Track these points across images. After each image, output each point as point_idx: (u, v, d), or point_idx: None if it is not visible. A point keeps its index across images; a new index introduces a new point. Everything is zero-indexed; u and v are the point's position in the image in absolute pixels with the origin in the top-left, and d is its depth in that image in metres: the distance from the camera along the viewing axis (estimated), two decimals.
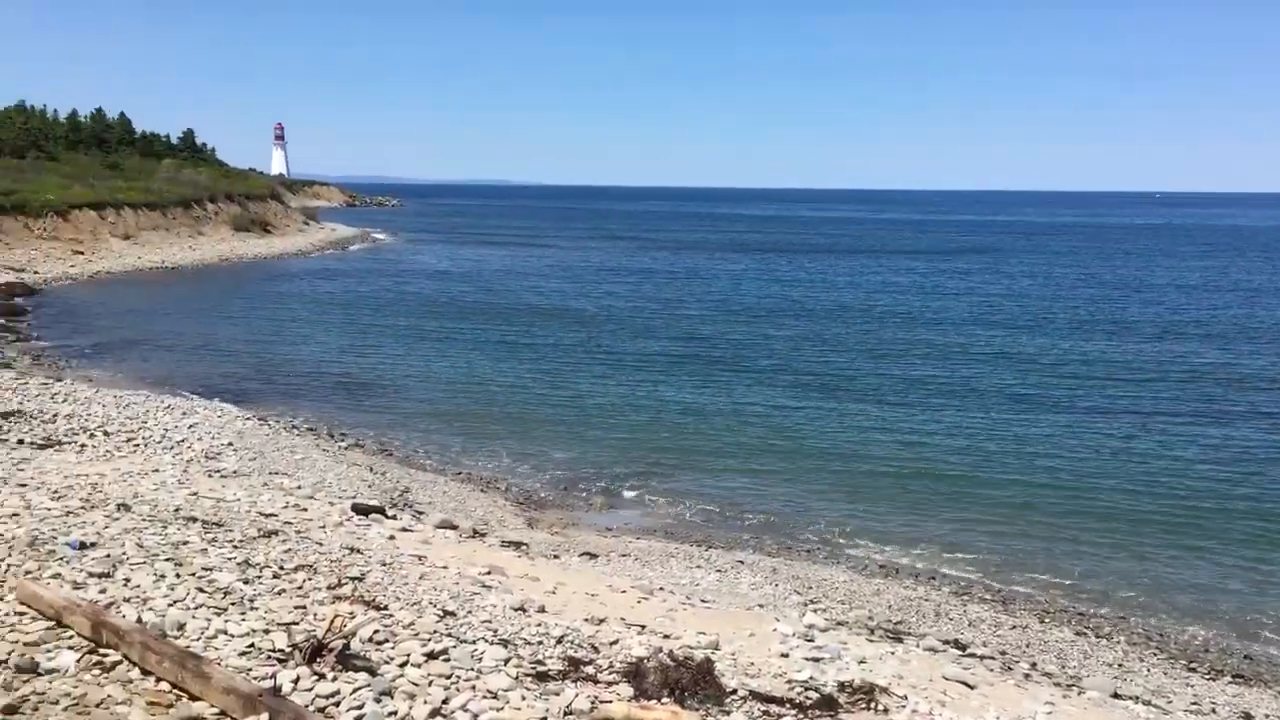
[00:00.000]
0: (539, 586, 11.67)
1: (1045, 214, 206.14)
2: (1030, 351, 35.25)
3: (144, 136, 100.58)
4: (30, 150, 79.81)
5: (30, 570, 8.21)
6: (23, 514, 10.09)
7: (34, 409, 20.42)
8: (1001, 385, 29.52)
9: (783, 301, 49.86)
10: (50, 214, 59.34)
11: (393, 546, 12.43)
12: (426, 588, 10.03)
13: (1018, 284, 59.47)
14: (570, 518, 18.57)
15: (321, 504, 14.83)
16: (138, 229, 65.50)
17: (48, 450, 16.79)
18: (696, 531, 18.04)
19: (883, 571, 16.40)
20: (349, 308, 44.93)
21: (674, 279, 61.17)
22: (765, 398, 27.59)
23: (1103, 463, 21.89)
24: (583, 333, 38.65)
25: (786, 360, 33.29)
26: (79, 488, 12.48)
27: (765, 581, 14.94)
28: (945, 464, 21.71)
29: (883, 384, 29.60)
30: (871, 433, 24.12)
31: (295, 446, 20.49)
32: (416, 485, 19.07)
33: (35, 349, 30.80)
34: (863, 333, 39.62)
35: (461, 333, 38.33)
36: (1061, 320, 43.48)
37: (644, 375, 30.45)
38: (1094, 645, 13.69)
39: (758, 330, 39.92)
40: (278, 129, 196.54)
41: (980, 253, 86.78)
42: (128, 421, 20.38)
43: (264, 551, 10.25)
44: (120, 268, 55.59)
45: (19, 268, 49.88)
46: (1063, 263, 76.37)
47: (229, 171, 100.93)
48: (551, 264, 71.06)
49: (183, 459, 17.79)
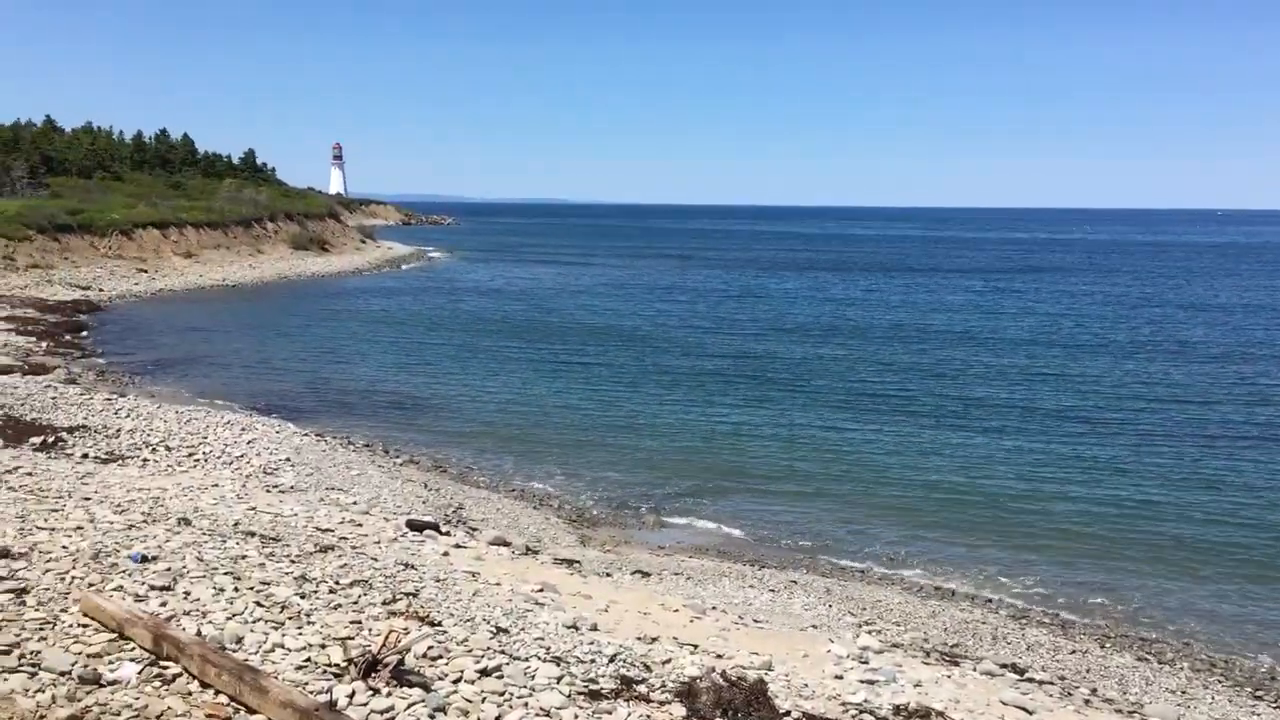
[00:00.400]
0: (591, 604, 11.68)
1: (1104, 232, 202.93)
2: (1091, 373, 34.65)
3: (206, 157, 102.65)
4: (97, 171, 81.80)
5: (93, 583, 8.36)
6: (87, 527, 10.29)
7: (98, 424, 20.84)
8: (1061, 407, 29.05)
9: (836, 320, 49.56)
10: (115, 233, 60.72)
11: (446, 563, 12.51)
12: (480, 604, 10.07)
13: (1077, 303, 58.59)
14: (622, 535, 18.55)
15: (377, 520, 14.97)
16: (199, 247, 66.77)
17: (111, 464, 17.12)
18: (749, 551, 17.94)
19: (938, 593, 16.18)
20: (404, 325, 45.38)
21: (726, 297, 61.08)
22: (819, 417, 27.40)
23: (1166, 487, 21.44)
24: (635, 351, 38.69)
25: (841, 380, 33.05)
26: (141, 502, 12.70)
27: (819, 602, 14.82)
28: (1003, 486, 21.40)
29: (939, 404, 29.27)
30: (927, 454, 23.86)
31: (351, 462, 20.70)
32: (470, 502, 19.18)
33: (100, 365, 31.44)
34: (918, 352, 39.25)
35: (515, 351, 38.54)
36: (1122, 341, 42.72)
37: (697, 394, 30.39)
38: (1156, 671, 13.39)
39: (811, 349, 39.70)
40: (336, 149, 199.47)
41: (1038, 271, 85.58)
42: (188, 437, 20.73)
43: (320, 566, 10.36)
44: (182, 285, 56.68)
45: (85, 285, 51.04)
46: (1123, 281, 75.11)
47: (288, 191, 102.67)
48: (604, 282, 71.28)
49: (241, 474, 18.04)
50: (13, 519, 10.19)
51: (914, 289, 67.91)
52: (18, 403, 21.78)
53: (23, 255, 52.46)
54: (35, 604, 7.69)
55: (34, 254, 53.41)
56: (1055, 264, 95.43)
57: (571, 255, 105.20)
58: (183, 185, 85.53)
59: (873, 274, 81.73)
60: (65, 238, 56.86)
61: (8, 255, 51.52)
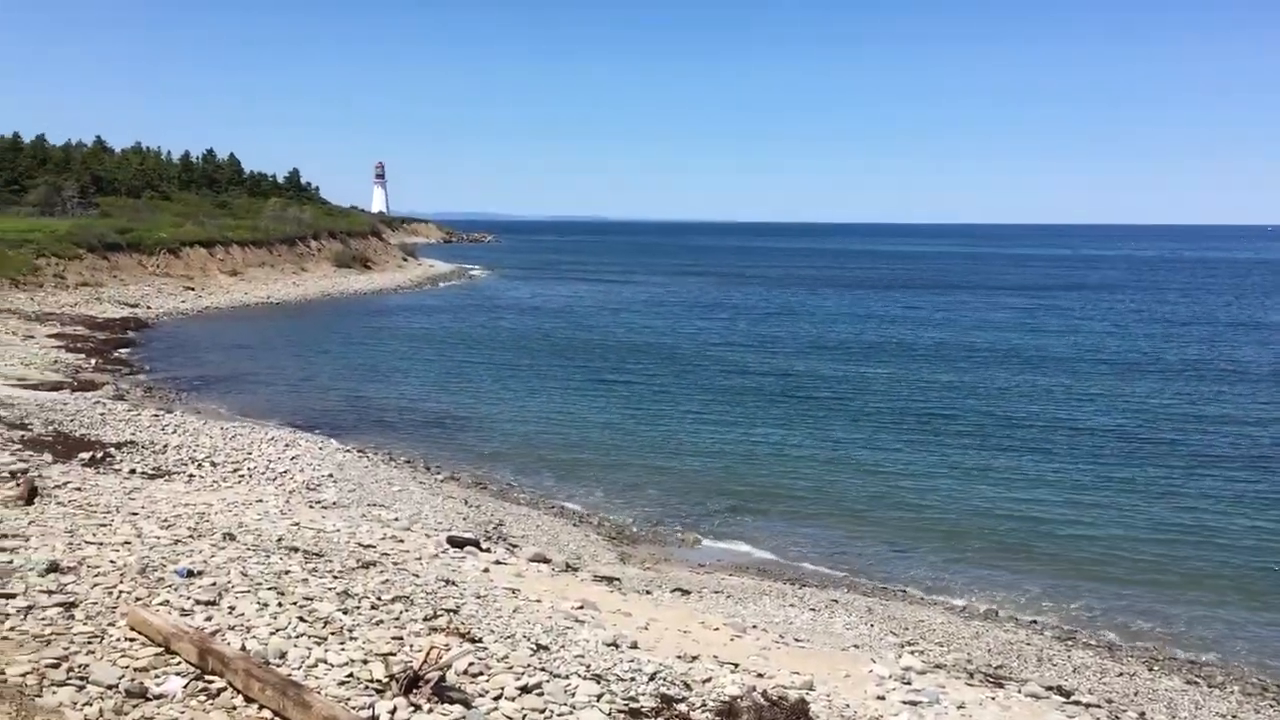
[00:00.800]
0: (631, 622, 11.65)
1: (1151, 248, 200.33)
2: (1138, 392, 34.10)
3: (252, 176, 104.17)
4: (145, 190, 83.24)
5: (140, 597, 8.46)
6: (134, 542, 10.43)
7: (145, 439, 21.13)
8: (1108, 427, 28.62)
9: (878, 338, 49.28)
10: (163, 251, 61.73)
11: (487, 579, 12.54)
12: (520, 621, 10.09)
13: (1123, 321, 57.81)
14: (662, 553, 18.51)
15: (418, 536, 15.04)
16: (244, 265, 67.69)
17: (158, 480, 17.34)
18: (789, 569, 17.84)
19: (982, 614, 16.00)
20: (445, 343, 45.66)
21: (766, 314, 60.98)
22: (861, 437, 27.23)
23: (1215, 510, 21.05)
24: (675, 369, 38.68)
25: (882, 398, 32.83)
26: (187, 517, 12.85)
27: (860, 621, 14.69)
28: (1048, 508, 21.13)
29: (983, 424, 28.98)
30: (970, 474, 23.63)
31: (393, 479, 20.84)
32: (510, 519, 19.22)
33: (147, 381, 31.90)
34: (961, 370, 38.93)
35: (555, 368, 38.65)
36: (1171, 360, 42.05)
37: (737, 412, 30.32)
38: (1206, 695, 13.14)
39: (852, 368, 39.49)
40: (378, 168, 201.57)
41: (1082, 289, 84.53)
42: (233, 452, 20.96)
43: (362, 582, 10.42)
44: (228, 303, 57.45)
45: (133, 303, 51.88)
46: (1171, 299, 74.03)
47: (331, 209, 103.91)
48: (644, 299, 71.37)
49: (285, 490, 18.21)
50: (62, 533, 10.35)
51: (957, 307, 67.40)
52: (67, 419, 22.13)
53: (73, 274, 53.45)
54: (84, 618, 7.80)
55: (84, 272, 54.40)
56: (1100, 281, 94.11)
57: (611, 272, 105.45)
58: (229, 204, 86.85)
59: (914, 291, 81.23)
60: (114, 256, 57.90)
61: (58, 274, 52.50)
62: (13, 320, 40.58)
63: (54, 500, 12.71)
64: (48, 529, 10.50)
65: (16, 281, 49.08)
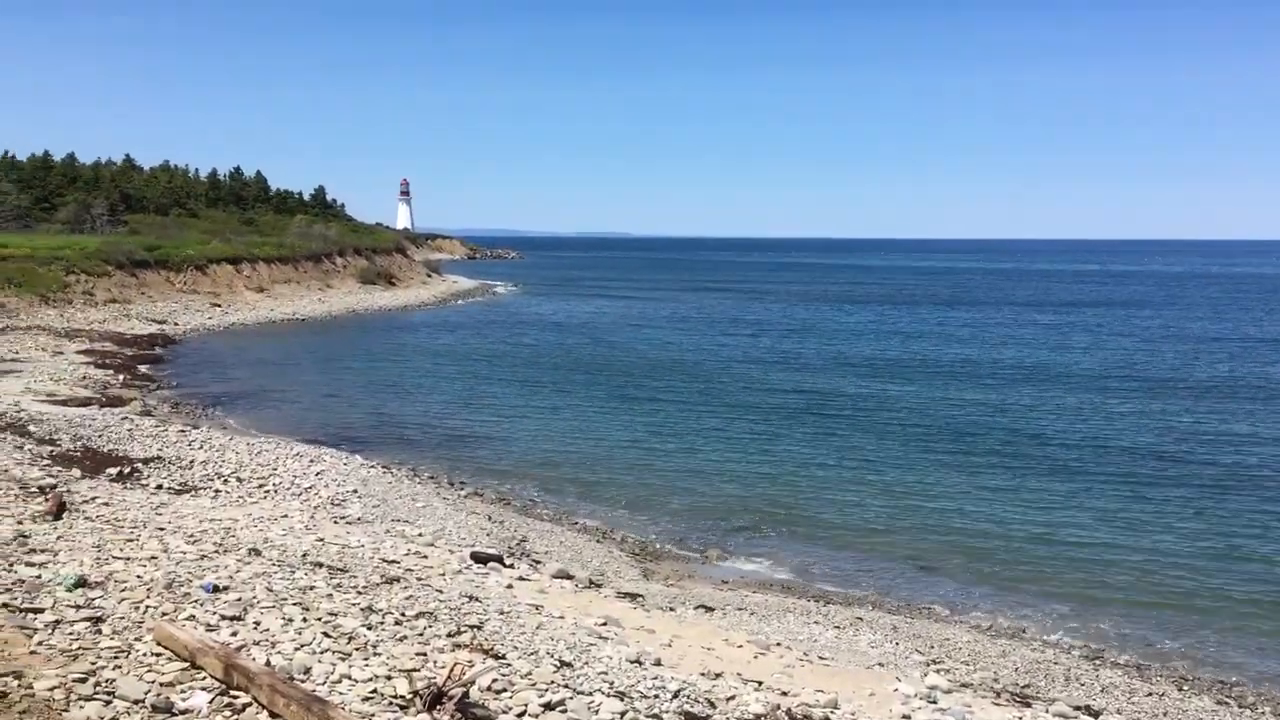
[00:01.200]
0: (654, 639, 11.62)
1: (1179, 264, 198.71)
2: (1168, 410, 33.67)
3: (278, 194, 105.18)
4: (173, 208, 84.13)
5: (167, 612, 8.52)
6: (160, 557, 10.50)
7: (172, 455, 21.30)
8: (1137, 445, 28.32)
9: (901, 354, 49.07)
10: (190, 268, 62.32)
11: (510, 595, 12.54)
12: (543, 637, 10.08)
13: (1152, 338, 57.22)
14: (686, 569, 18.46)
15: (441, 551, 15.07)
16: (270, 282, 68.22)
17: (184, 495, 17.46)
18: (814, 586, 17.75)
19: (1008, 632, 15.86)
20: (468, 359, 45.81)
21: (790, 330, 60.87)
22: (884, 453, 27.09)
23: (1244, 529, 20.73)
24: (698, 385, 38.64)
25: (908, 415, 32.67)
26: (213, 532, 12.93)
27: (885, 639, 14.59)
28: (1074, 526, 20.92)
29: (1009, 442, 28.77)
30: (997, 492, 23.45)
31: (417, 494, 20.89)
32: (534, 534, 19.23)
33: (174, 397, 32.14)
34: (987, 387, 38.72)
35: (577, 384, 38.69)
36: (1201, 377, 41.59)
37: (760, 428, 30.23)
38: (1237, 716, 12.97)
39: (877, 384, 39.33)
40: (403, 184, 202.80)
41: (1110, 305, 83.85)
42: (259, 468, 21.08)
43: (386, 598, 10.45)
44: (253, 319, 57.87)
45: (161, 319, 52.34)
46: (1200, 315, 73.30)
47: (356, 226, 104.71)
48: (667, 315, 71.40)
49: (310, 505, 18.29)
50: (90, 548, 10.43)
51: (982, 322, 67.10)
52: (95, 434, 22.33)
53: (101, 290, 54.02)
54: (110, 632, 7.85)
55: (112, 289, 54.97)
56: (1128, 298, 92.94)
57: (634, 289, 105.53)
58: (255, 221, 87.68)
59: (939, 307, 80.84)
60: (142, 273, 58.49)
61: (88, 290, 53.07)
62: (42, 336, 41.02)
63: (82, 515, 12.81)
64: (76, 544, 10.59)
65: (46, 298, 49.64)
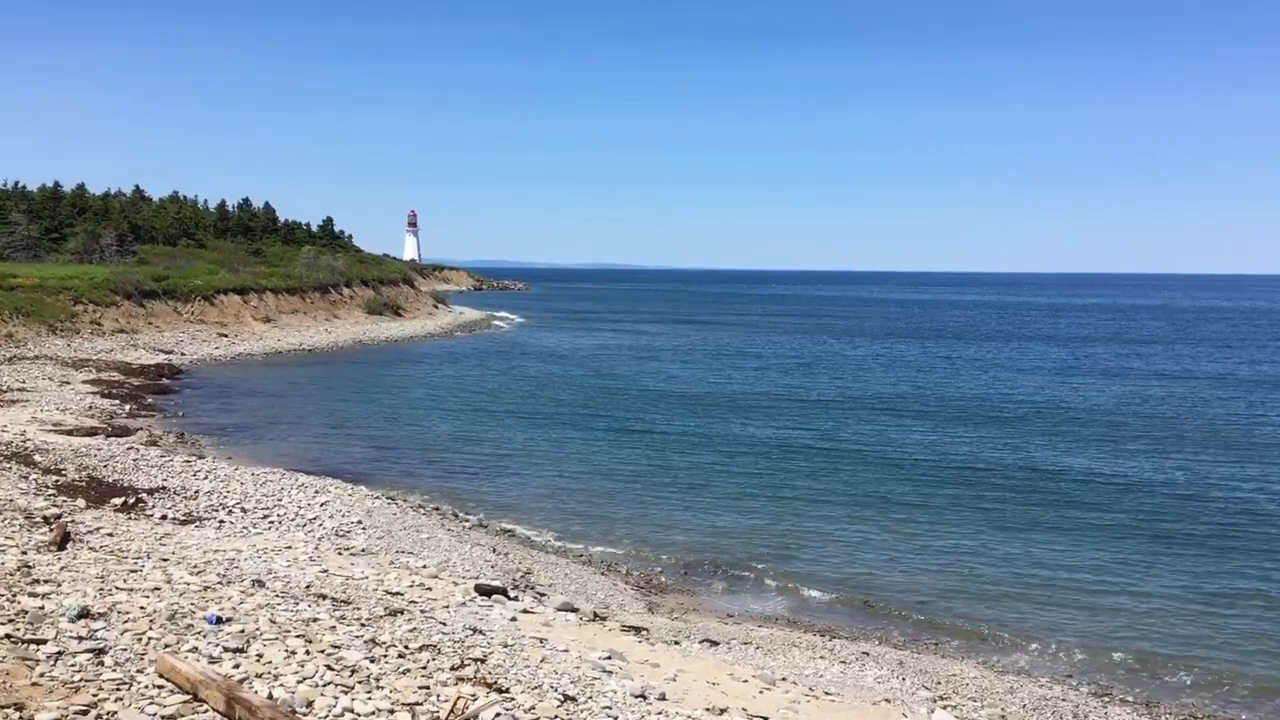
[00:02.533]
0: (659, 673, 11.55)
1: (1188, 298, 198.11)
2: (1179, 449, 33.25)
3: (287, 224, 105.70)
4: (182, 238, 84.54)
5: (169, 644, 8.48)
6: (164, 588, 10.47)
7: (177, 485, 21.29)
8: (1146, 484, 28.04)
9: (908, 389, 48.91)
10: (198, 298, 62.56)
11: (514, 628, 12.48)
12: (547, 671, 10.02)
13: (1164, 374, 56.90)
14: (691, 602, 18.38)
15: (446, 583, 15.02)
16: (278, 312, 68.44)
17: (189, 526, 17.44)
18: (820, 620, 17.66)
19: (1016, 668, 15.74)
20: (473, 391, 45.80)
21: (797, 364, 60.78)
22: (889, 489, 26.98)
23: (1257, 568, 20.53)
24: (704, 418, 38.59)
25: (913, 450, 32.57)
26: (217, 563, 12.90)
27: (892, 675, 14.49)
28: (1084, 563, 20.77)
29: (1017, 477, 28.67)
30: (1005, 527, 23.34)
31: (421, 526, 20.85)
32: (538, 566, 19.16)
33: (180, 427, 32.17)
34: (994, 422, 38.61)
35: (582, 417, 38.64)
36: (1212, 415, 41.39)
37: (764, 463, 30.14)
38: None
39: (882, 418, 39.26)
40: (411, 216, 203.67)
41: (1123, 341, 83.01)
42: (264, 499, 21.06)
43: (390, 630, 10.40)
44: (260, 349, 57.99)
45: (168, 349, 52.50)
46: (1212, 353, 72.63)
47: (364, 257, 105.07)
48: (672, 347, 71.38)
49: (314, 536, 18.25)
50: (93, 579, 10.41)
51: (988, 360, 66.92)
52: (101, 464, 22.35)
53: (109, 320, 54.23)
54: (113, 664, 7.83)
55: (120, 319, 55.19)
56: (1140, 334, 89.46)
57: (640, 321, 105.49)
58: (263, 252, 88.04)
59: (947, 341, 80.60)
60: (150, 303, 58.73)
61: (95, 320, 53.28)
62: (50, 366, 41.15)
63: (86, 545, 12.80)
64: (79, 574, 10.57)
65: (54, 328, 49.84)
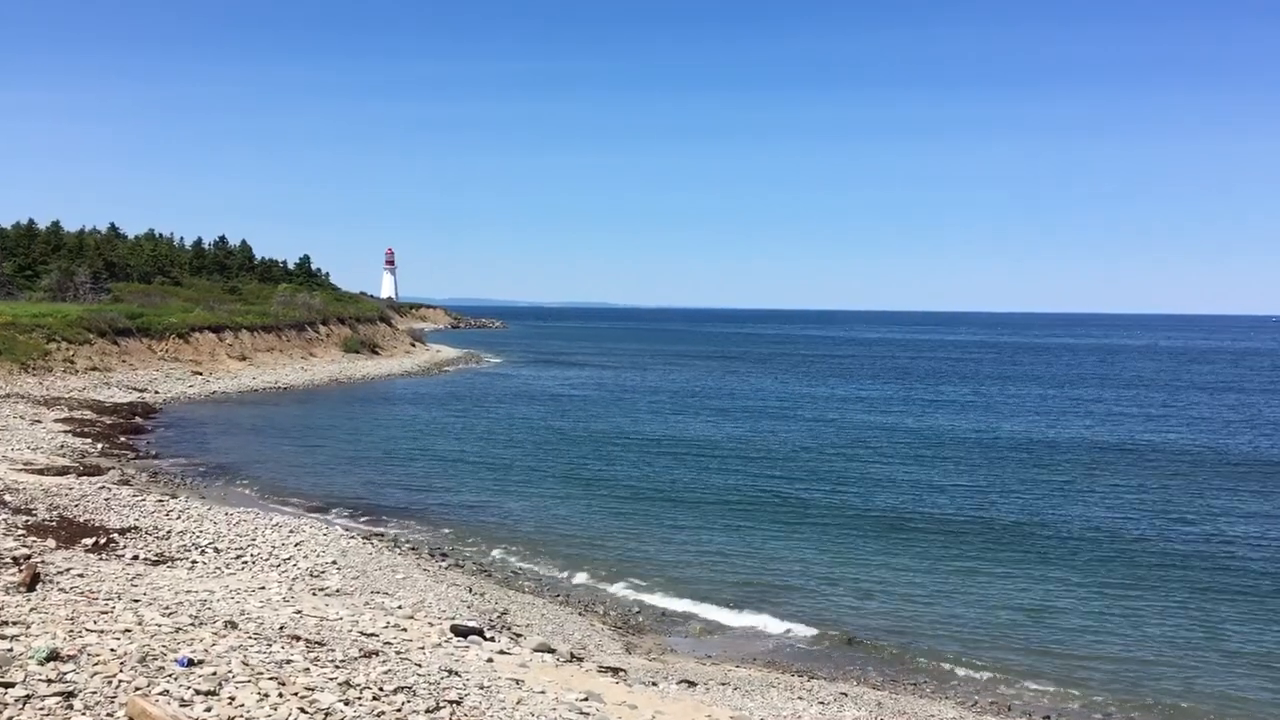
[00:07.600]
0: (637, 714, 11.47)
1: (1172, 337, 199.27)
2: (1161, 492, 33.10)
3: (263, 262, 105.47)
4: (157, 276, 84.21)
5: (140, 686, 8.36)
6: (135, 630, 10.33)
7: (149, 525, 21.05)
8: (1126, 529, 27.90)
9: (889, 432, 49.07)
10: (172, 336, 62.21)
11: (490, 669, 12.38)
12: (524, 713, 9.94)
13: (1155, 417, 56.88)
14: (668, 643, 18.28)
15: (421, 624, 14.89)
16: (253, 350, 68.12)
17: (161, 566, 17.24)
18: (798, 661, 17.59)
19: (994, 708, 15.71)
20: (448, 430, 45.61)
21: (773, 406, 60.86)
22: (867, 531, 26.97)
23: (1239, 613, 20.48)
24: (681, 462, 38.55)
25: (894, 493, 32.60)
26: (189, 604, 12.75)
27: (869, 716, 14.43)
28: (1061, 608, 20.76)
29: (998, 520, 28.73)
30: (985, 570, 23.37)
31: (397, 565, 20.68)
32: (515, 606, 19.03)
33: (153, 466, 31.88)
34: (976, 465, 38.72)
35: (558, 458, 38.51)
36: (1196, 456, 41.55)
37: (744, 505, 30.05)
38: None
39: (860, 463, 39.32)
40: (388, 254, 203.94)
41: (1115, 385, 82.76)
42: (237, 539, 20.86)
43: (364, 672, 10.29)
44: (235, 388, 57.65)
45: (141, 388, 52.10)
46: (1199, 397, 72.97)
47: (341, 295, 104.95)
48: (650, 387, 71.18)
49: (288, 576, 18.07)
50: (63, 620, 10.26)
51: (972, 401, 67.18)
52: (72, 504, 22.09)
53: (82, 358, 53.81)
54: (82, 707, 7.70)
55: (93, 357, 54.77)
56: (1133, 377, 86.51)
57: (615, 360, 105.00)
58: (239, 290, 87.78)
59: (932, 382, 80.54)
60: (124, 341, 58.37)
61: (68, 358, 52.86)
62: (21, 405, 40.73)
63: (56, 587, 12.63)
64: (49, 616, 10.41)
65: (26, 366, 49.40)
